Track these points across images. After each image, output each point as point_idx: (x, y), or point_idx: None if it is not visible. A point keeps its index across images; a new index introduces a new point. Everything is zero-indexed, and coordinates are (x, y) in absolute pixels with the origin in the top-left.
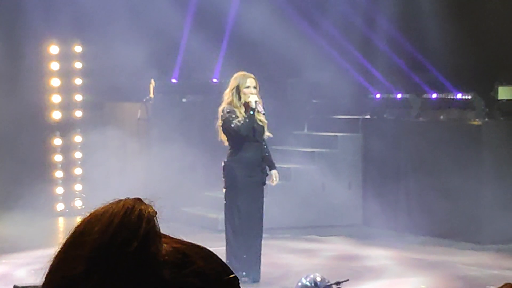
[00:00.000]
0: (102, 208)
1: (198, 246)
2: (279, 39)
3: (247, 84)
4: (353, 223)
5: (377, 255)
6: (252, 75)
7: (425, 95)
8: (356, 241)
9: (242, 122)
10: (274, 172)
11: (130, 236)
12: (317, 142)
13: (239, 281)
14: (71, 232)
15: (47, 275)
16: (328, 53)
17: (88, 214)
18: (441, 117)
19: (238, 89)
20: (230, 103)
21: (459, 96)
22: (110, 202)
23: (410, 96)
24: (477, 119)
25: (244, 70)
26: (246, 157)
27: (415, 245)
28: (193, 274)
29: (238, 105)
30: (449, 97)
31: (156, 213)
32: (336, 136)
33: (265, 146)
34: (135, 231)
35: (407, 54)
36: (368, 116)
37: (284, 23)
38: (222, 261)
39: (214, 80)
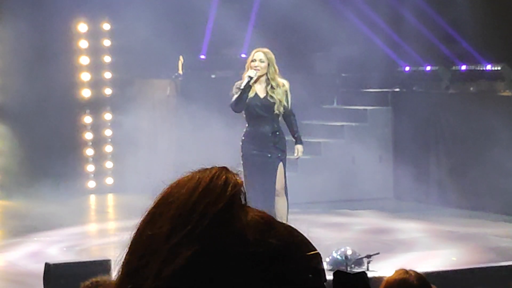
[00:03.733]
0: (189, 175)
1: (282, 222)
2: (308, 12)
3: (254, 58)
4: (384, 196)
5: (408, 228)
6: (264, 50)
7: (454, 67)
8: (387, 215)
9: (233, 100)
10: (297, 146)
11: (216, 198)
12: (347, 116)
13: (322, 259)
14: (159, 195)
15: (134, 234)
16: (357, 26)
17: (175, 180)
18: (471, 88)
19: (248, 64)
20: (242, 77)
21: (488, 67)
22: (197, 170)
23: (439, 68)
24: (507, 90)
25: (273, 44)
26: (254, 131)
27: (446, 217)
28: (276, 238)
29: None
30: (478, 68)
31: (242, 182)
32: (366, 109)
33: (294, 122)
34: (221, 195)
35: (435, 26)
36: (397, 89)
37: None
38: (305, 237)
39: (243, 55)
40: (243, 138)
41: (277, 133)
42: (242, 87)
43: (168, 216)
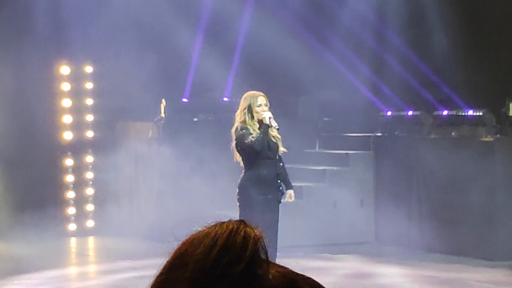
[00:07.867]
0: (204, 230)
1: (303, 275)
2: (289, 57)
3: (259, 103)
4: (366, 240)
5: (390, 272)
6: (262, 93)
7: (436, 112)
8: (369, 259)
9: (255, 137)
10: (290, 192)
11: (236, 258)
12: (329, 160)
13: None
14: (172, 254)
15: None
16: (338, 70)
17: (188, 236)
18: (453, 133)
19: (250, 109)
20: (243, 122)
21: (470, 112)
22: (211, 224)
23: (421, 113)
24: (488, 136)
25: (255, 89)
26: (261, 175)
27: (427, 262)
28: None
29: (252, 124)
30: (460, 113)
31: (262, 236)
32: (348, 153)
33: (281, 164)
34: (241, 253)
35: (417, 71)
36: (379, 134)
37: (295, 41)
38: None
39: (225, 99)
40: (244, 181)
41: (279, 175)
42: (276, 126)
43: (184, 278)
